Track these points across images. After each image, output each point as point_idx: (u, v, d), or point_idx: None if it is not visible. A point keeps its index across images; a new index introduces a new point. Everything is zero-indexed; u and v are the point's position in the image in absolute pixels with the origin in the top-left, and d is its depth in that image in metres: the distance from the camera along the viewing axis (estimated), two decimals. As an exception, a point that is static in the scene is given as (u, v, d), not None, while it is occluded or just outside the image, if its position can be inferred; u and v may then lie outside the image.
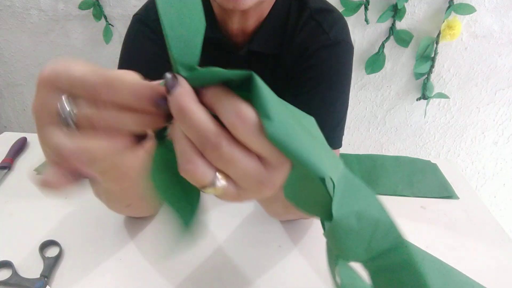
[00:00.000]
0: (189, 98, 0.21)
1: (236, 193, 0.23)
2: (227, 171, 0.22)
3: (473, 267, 0.53)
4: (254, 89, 0.21)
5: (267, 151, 0.21)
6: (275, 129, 0.20)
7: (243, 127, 0.20)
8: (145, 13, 0.60)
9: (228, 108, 0.21)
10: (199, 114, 0.21)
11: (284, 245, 0.56)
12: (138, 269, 0.51)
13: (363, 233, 0.25)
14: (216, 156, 0.21)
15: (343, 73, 0.59)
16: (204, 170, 0.21)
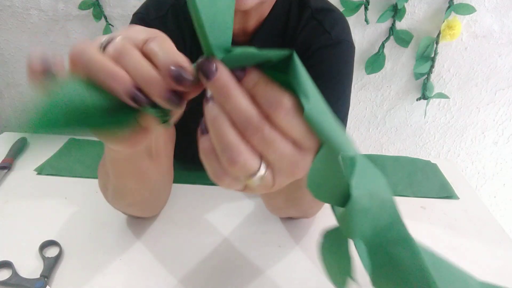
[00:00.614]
0: (232, 82, 0.21)
1: (272, 180, 0.24)
2: (267, 155, 0.23)
3: (473, 267, 0.53)
4: (294, 69, 0.21)
5: (301, 134, 0.22)
6: (311, 108, 0.21)
7: (283, 111, 0.21)
8: (145, 11, 0.60)
9: (269, 93, 0.21)
10: (242, 97, 0.21)
11: (284, 245, 0.56)
12: (138, 269, 0.51)
13: (372, 211, 0.26)
14: (258, 139, 0.22)
15: (345, 73, 0.59)
16: (252, 159, 0.22)
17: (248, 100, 0.21)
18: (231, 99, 0.21)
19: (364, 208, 0.25)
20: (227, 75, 0.21)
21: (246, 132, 0.22)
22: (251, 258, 0.53)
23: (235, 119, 0.21)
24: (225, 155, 0.22)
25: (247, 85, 0.22)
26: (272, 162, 0.23)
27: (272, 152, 0.22)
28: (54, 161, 0.73)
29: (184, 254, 0.53)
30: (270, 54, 0.21)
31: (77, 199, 0.63)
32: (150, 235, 0.57)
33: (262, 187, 0.24)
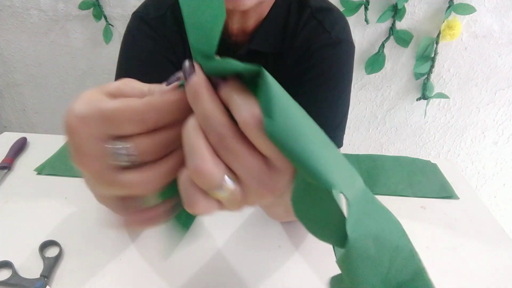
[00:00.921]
0: (203, 87, 0.21)
1: (242, 197, 0.23)
2: (234, 169, 0.22)
3: (473, 267, 0.53)
4: (261, 86, 0.21)
5: (271, 152, 0.21)
6: (275, 128, 0.20)
7: (249, 123, 0.20)
8: (144, 10, 0.60)
9: (239, 103, 0.21)
10: (211, 102, 0.21)
11: (284, 246, 0.56)
12: (138, 269, 0.51)
13: (381, 260, 0.22)
14: (224, 149, 0.21)
15: (345, 73, 0.59)
16: (215, 169, 0.21)
17: (219, 107, 0.21)
18: (200, 102, 0.21)
19: (368, 254, 0.22)
20: (201, 77, 0.21)
21: (212, 140, 0.21)
22: (251, 258, 0.53)
23: (203, 124, 0.21)
24: (191, 163, 0.21)
25: (224, 95, 0.21)
26: (240, 177, 0.22)
27: (239, 166, 0.22)
28: (54, 161, 0.73)
29: (184, 254, 0.53)
30: (240, 67, 0.20)
31: (77, 199, 0.63)
32: (150, 235, 0.57)
33: (232, 202, 0.23)
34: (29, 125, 1.58)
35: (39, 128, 1.58)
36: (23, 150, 0.78)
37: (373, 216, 0.22)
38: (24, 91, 1.48)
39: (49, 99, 1.48)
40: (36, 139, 0.82)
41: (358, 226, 0.21)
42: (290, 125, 0.20)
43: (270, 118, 0.20)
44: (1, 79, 1.47)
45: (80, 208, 0.62)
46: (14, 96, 1.50)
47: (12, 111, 1.55)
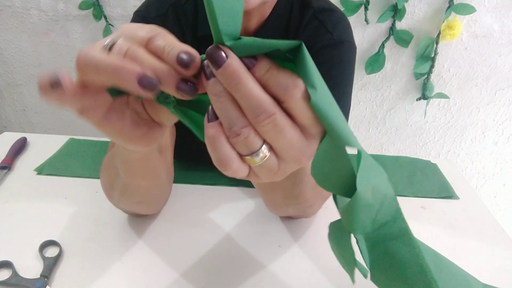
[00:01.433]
0: (243, 68, 0.21)
1: (276, 166, 0.24)
2: (274, 142, 0.23)
3: (473, 267, 0.53)
4: (302, 59, 0.22)
5: (310, 120, 0.22)
6: (318, 98, 0.22)
7: (296, 95, 0.21)
8: (146, 10, 0.60)
9: (281, 79, 0.22)
10: (254, 83, 0.21)
11: (284, 245, 0.56)
12: (138, 269, 0.51)
13: (374, 206, 0.26)
14: (268, 125, 0.22)
15: (346, 73, 0.59)
16: (254, 137, 0.22)
17: (260, 87, 0.22)
18: (242, 86, 0.21)
19: (366, 203, 0.25)
20: (237, 61, 0.21)
21: (257, 119, 0.22)
22: (251, 257, 0.53)
23: (246, 106, 0.21)
24: (231, 126, 0.22)
25: (258, 73, 0.22)
26: (279, 148, 0.23)
27: (281, 138, 0.22)
28: (54, 161, 0.73)
29: (184, 254, 0.53)
30: (279, 44, 0.21)
31: (77, 199, 0.63)
32: (150, 235, 0.57)
33: (266, 171, 0.24)
34: (29, 125, 1.58)
35: (39, 128, 1.58)
36: (23, 150, 0.78)
37: (372, 170, 0.26)
38: (24, 91, 1.48)
39: (49, 99, 1.48)
40: (36, 139, 0.82)
41: (363, 180, 0.25)
42: (327, 95, 0.23)
43: (314, 89, 0.22)
44: (1, 79, 1.47)
45: (80, 208, 0.62)
46: (14, 96, 1.50)
47: (12, 111, 1.55)
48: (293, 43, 0.22)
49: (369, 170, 0.26)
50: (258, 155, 0.23)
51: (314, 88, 0.22)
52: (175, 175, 0.64)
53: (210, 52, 0.21)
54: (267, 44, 0.21)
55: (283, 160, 0.24)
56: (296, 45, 0.22)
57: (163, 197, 0.57)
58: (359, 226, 0.27)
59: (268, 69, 0.22)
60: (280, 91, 0.22)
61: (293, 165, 0.25)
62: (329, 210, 0.61)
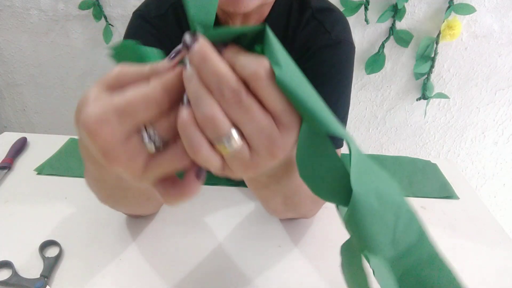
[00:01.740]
0: (209, 49, 0.22)
1: (249, 157, 0.23)
2: (242, 125, 0.22)
3: (473, 267, 0.53)
4: (267, 39, 0.22)
5: (280, 107, 0.22)
6: (284, 74, 0.21)
7: (260, 74, 0.21)
8: (145, 9, 0.60)
9: (247, 59, 0.22)
10: (221, 62, 0.22)
11: (284, 245, 0.56)
12: (138, 269, 0.51)
13: (386, 217, 0.23)
14: (234, 105, 0.22)
15: (345, 73, 0.58)
16: (222, 118, 0.22)
17: (227, 66, 0.22)
18: (209, 63, 0.21)
19: (372, 209, 0.22)
20: (206, 44, 0.22)
21: (222, 96, 0.22)
22: (251, 258, 0.53)
23: (213, 83, 0.21)
24: (199, 109, 0.22)
25: (228, 57, 0.22)
26: (249, 134, 0.23)
27: (248, 121, 0.22)
28: (54, 161, 0.73)
29: (184, 254, 0.53)
30: (245, 29, 0.22)
31: (77, 199, 0.63)
32: (150, 235, 0.57)
33: (239, 163, 0.23)
34: (29, 125, 1.58)
35: (39, 128, 1.58)
36: (23, 150, 0.78)
37: (373, 174, 0.23)
38: (24, 91, 1.48)
39: (49, 99, 1.48)
40: (36, 139, 0.82)
41: (360, 181, 0.22)
42: (296, 74, 0.22)
43: (278, 66, 0.21)
44: (1, 79, 1.47)
45: (80, 208, 0.62)
46: (14, 96, 1.50)
47: (12, 111, 1.55)
48: (257, 27, 0.22)
49: (367, 172, 0.23)
50: (228, 142, 0.22)
51: (279, 65, 0.21)
52: (175, 175, 0.64)
53: (184, 38, 0.22)
54: (234, 30, 0.22)
55: (255, 151, 0.23)
56: (261, 28, 0.22)
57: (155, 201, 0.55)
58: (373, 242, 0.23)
59: (236, 52, 0.22)
60: (245, 72, 0.22)
61: (267, 157, 0.23)
62: (329, 210, 0.61)
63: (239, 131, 0.23)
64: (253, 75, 0.21)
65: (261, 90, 0.22)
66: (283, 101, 0.22)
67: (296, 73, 0.22)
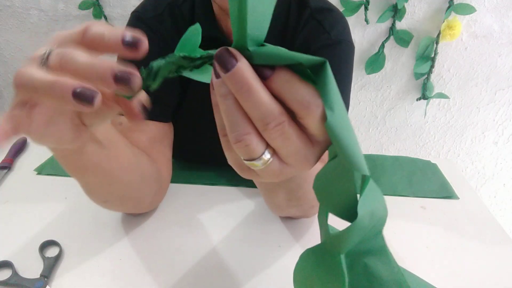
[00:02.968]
0: (253, 75, 0.20)
1: (279, 169, 0.24)
2: (280, 149, 0.23)
3: (473, 267, 0.53)
4: (324, 77, 0.21)
5: (320, 133, 0.22)
6: (334, 120, 0.21)
7: (313, 112, 0.21)
8: (142, 10, 0.60)
9: (303, 94, 0.21)
10: (264, 92, 0.21)
11: (284, 245, 0.56)
12: (138, 268, 0.51)
13: (368, 228, 0.25)
14: (276, 133, 0.21)
15: (344, 73, 0.59)
16: (258, 142, 0.22)
17: (270, 97, 0.21)
18: (252, 94, 0.20)
19: (364, 227, 0.25)
20: (247, 68, 0.20)
21: (266, 127, 0.21)
22: (251, 257, 0.53)
23: (255, 114, 0.21)
24: (234, 132, 0.22)
25: (275, 84, 0.21)
26: (284, 154, 0.23)
27: (288, 145, 0.22)
28: (54, 161, 0.73)
29: (184, 254, 0.53)
30: (303, 58, 0.20)
31: (77, 199, 0.63)
32: (150, 235, 0.57)
33: (269, 174, 0.24)
34: (29, 125, 1.58)
35: (39, 128, 1.58)
36: (23, 150, 0.78)
37: (371, 196, 0.25)
38: (24, 91, 1.48)
39: (49, 99, 1.48)
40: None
41: (365, 205, 0.24)
42: (345, 118, 0.22)
43: (331, 111, 0.21)
44: (1, 79, 1.47)
45: (80, 208, 0.62)
46: (14, 96, 1.50)
47: (12, 111, 1.55)
48: (317, 59, 0.21)
49: (371, 195, 0.25)
50: (259, 161, 0.23)
51: (332, 110, 0.21)
52: (175, 175, 0.64)
53: (219, 55, 0.20)
54: (290, 56, 0.20)
55: (287, 164, 0.24)
56: (320, 62, 0.21)
57: (139, 197, 0.54)
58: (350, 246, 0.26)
59: (288, 80, 0.21)
60: (298, 107, 0.21)
61: (297, 169, 0.24)
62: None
63: (271, 149, 0.23)
64: (307, 114, 0.21)
65: (309, 126, 0.22)
66: (321, 125, 0.22)
67: (343, 115, 0.22)
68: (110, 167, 0.43)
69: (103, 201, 0.50)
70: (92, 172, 0.41)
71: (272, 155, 0.23)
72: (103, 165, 0.41)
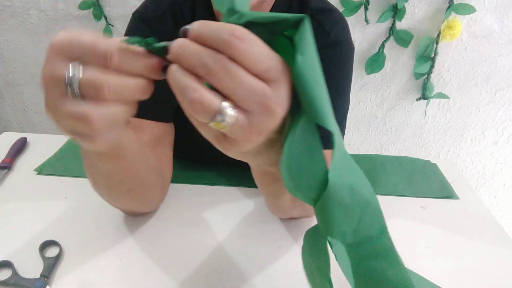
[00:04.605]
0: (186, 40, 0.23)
1: (248, 122, 0.23)
2: (234, 92, 0.22)
3: (473, 267, 0.53)
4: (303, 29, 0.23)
5: (263, 66, 0.22)
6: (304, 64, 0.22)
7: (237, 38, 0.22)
8: (143, 10, 0.60)
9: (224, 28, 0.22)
10: (196, 45, 0.22)
11: (284, 245, 0.56)
12: (138, 269, 0.51)
13: (353, 210, 0.25)
14: (221, 72, 0.22)
15: (344, 73, 0.59)
16: (211, 96, 0.22)
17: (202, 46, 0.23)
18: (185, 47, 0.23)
19: (342, 201, 0.24)
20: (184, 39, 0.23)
21: (208, 70, 0.22)
22: (251, 257, 0.53)
23: (196, 64, 0.22)
24: (185, 97, 0.22)
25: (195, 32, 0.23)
26: (242, 99, 0.23)
27: (238, 86, 0.22)
28: (54, 161, 0.73)
29: (184, 254, 0.53)
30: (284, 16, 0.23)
31: (77, 199, 0.63)
32: (150, 235, 0.57)
33: (240, 131, 0.24)
34: (29, 125, 1.58)
35: (39, 128, 1.58)
36: (23, 150, 0.78)
37: (349, 170, 0.25)
38: (24, 91, 1.48)
39: (49, 99, 1.48)
40: (36, 139, 0.82)
41: (337, 175, 0.24)
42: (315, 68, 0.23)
43: (302, 56, 0.22)
44: (1, 79, 1.47)
45: (80, 208, 0.62)
46: (14, 96, 1.50)
47: (12, 111, 1.55)
48: (298, 16, 0.23)
49: (345, 168, 0.25)
50: (223, 116, 0.23)
51: (303, 55, 0.22)
52: (175, 175, 0.64)
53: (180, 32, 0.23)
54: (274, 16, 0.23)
55: (252, 113, 0.23)
56: (302, 17, 0.23)
57: (150, 191, 0.55)
58: (336, 229, 0.26)
59: (202, 24, 0.23)
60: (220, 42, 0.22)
61: (266, 116, 0.23)
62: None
63: (231, 102, 0.23)
64: (229, 39, 0.22)
65: (241, 52, 0.22)
66: (265, 59, 0.22)
67: (315, 68, 0.23)
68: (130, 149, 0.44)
69: (127, 190, 0.50)
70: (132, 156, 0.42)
71: (234, 108, 0.23)
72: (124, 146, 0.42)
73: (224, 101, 0.23)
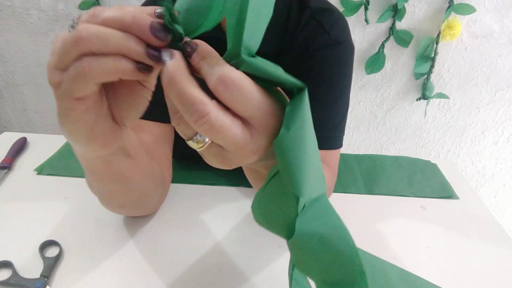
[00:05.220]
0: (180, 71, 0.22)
1: (220, 154, 0.24)
2: (215, 140, 0.23)
3: (473, 267, 0.53)
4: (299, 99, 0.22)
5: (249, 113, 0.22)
6: (286, 140, 0.22)
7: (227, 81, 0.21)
8: None
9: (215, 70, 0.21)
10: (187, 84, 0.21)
11: (284, 245, 0.56)
12: (138, 269, 0.51)
13: (323, 258, 0.24)
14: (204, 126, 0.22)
15: (344, 73, 0.59)
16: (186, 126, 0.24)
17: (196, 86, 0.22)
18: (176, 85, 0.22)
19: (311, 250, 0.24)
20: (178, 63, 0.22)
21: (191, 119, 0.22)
22: (251, 257, 0.53)
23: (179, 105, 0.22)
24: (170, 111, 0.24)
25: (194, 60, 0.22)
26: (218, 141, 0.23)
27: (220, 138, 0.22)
28: (54, 161, 0.73)
29: (184, 254, 0.53)
30: (286, 78, 0.21)
31: (77, 199, 0.63)
32: (150, 235, 0.57)
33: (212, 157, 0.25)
34: (29, 125, 1.58)
35: (39, 128, 1.58)
36: (23, 150, 0.78)
37: (324, 220, 0.24)
38: (24, 91, 1.48)
39: (49, 99, 1.48)
40: (36, 139, 0.82)
41: (306, 224, 0.24)
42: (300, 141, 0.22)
43: (287, 130, 0.21)
44: (1, 79, 1.47)
45: (80, 208, 0.62)
46: (14, 96, 1.50)
47: (12, 111, 1.55)
48: (298, 84, 0.22)
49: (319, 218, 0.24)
50: (196, 141, 0.24)
51: (287, 129, 0.21)
52: (175, 175, 0.64)
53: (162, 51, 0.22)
54: (275, 74, 0.21)
55: (228, 151, 0.24)
56: (301, 86, 0.22)
57: (148, 201, 0.55)
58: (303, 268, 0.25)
59: (204, 56, 0.22)
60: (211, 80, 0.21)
61: (240, 157, 0.24)
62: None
63: None
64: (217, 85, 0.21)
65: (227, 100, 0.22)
66: (249, 108, 0.22)
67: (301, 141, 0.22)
68: (133, 176, 0.44)
69: (120, 206, 0.52)
70: (118, 181, 0.43)
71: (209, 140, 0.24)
72: (127, 174, 0.43)
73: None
